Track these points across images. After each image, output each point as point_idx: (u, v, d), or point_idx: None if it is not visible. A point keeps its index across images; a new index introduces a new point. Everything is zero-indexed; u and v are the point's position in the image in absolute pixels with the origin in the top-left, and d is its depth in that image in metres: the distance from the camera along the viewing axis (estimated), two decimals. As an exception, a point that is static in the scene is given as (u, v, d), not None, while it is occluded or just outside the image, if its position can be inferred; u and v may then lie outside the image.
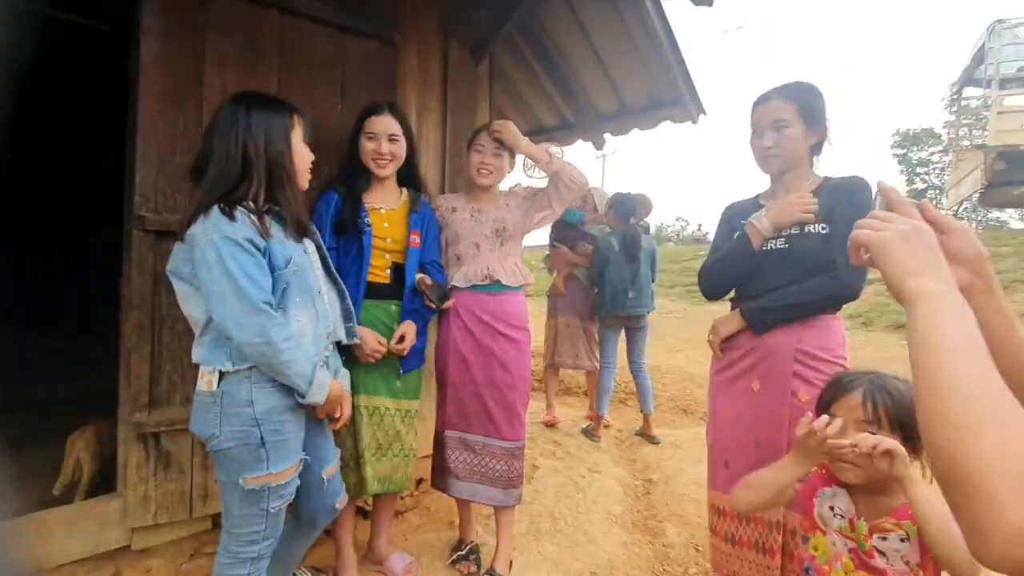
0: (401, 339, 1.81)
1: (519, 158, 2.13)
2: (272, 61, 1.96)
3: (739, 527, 1.61)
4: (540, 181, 2.15)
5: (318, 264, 1.53)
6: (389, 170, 1.85)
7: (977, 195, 8.81)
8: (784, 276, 1.53)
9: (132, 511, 1.75)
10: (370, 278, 1.83)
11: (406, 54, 2.48)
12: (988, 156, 7.97)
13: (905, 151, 30.42)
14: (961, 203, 10.09)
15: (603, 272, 3.51)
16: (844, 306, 1.62)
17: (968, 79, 9.36)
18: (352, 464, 1.83)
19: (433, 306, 1.88)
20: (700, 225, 23.58)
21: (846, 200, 1.48)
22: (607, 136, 4.19)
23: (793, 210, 1.50)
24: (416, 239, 1.90)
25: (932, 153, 29.74)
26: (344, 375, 1.57)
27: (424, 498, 2.53)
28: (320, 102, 2.11)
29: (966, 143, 10.03)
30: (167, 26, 1.71)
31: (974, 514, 0.42)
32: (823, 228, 1.49)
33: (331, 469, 1.56)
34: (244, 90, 1.43)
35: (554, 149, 2.04)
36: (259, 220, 1.30)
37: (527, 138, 2.03)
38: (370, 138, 1.81)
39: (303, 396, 1.32)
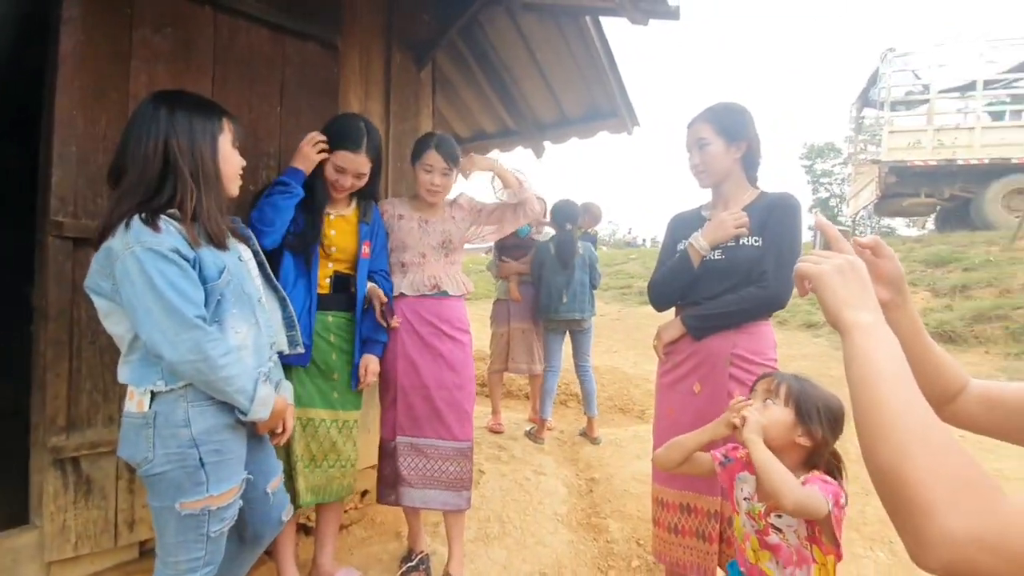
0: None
1: (486, 176, 2.16)
2: (206, 60, 1.86)
3: (681, 517, 1.72)
4: (488, 191, 2.18)
5: (256, 271, 1.47)
6: (342, 195, 1.89)
7: (872, 205, 9.77)
8: (721, 286, 1.66)
9: (50, 543, 1.59)
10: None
11: (348, 58, 2.43)
12: (882, 170, 8.87)
13: (811, 163, 33.07)
14: (859, 212, 11.13)
15: (540, 276, 3.59)
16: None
17: (865, 100, 10.36)
18: (284, 477, 1.77)
19: (383, 323, 1.89)
20: (630, 229, 24.45)
21: (777, 217, 1.63)
22: (547, 144, 4.31)
23: (727, 228, 1.64)
24: (367, 249, 1.89)
25: (834, 165, 32.52)
26: (286, 387, 1.52)
27: (369, 510, 2.48)
28: (259, 104, 2.02)
29: (863, 157, 11.10)
30: (90, 17, 1.59)
31: (915, 525, 0.47)
32: (756, 241, 1.63)
33: (275, 482, 1.51)
34: (166, 89, 1.35)
35: (522, 176, 2.07)
36: (187, 229, 1.22)
37: (496, 161, 2.10)
38: (339, 171, 1.82)
39: (245, 413, 1.26)
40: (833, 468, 1.27)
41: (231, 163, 1.37)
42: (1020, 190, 8.10)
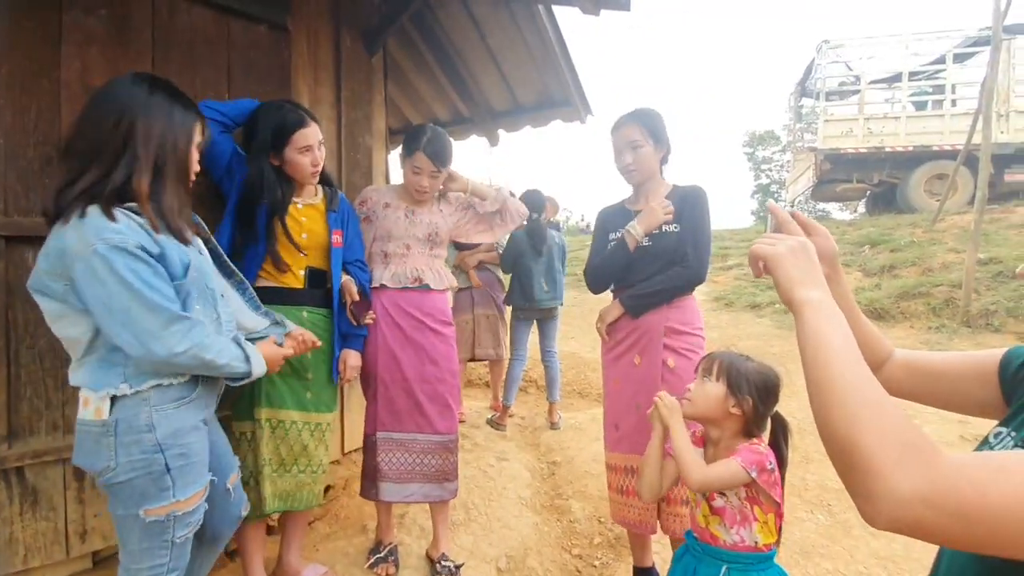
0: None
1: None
2: (144, 42, 1.75)
3: (626, 479, 1.92)
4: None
5: (211, 262, 1.41)
6: (318, 177, 1.82)
7: (810, 190, 10.30)
8: (650, 268, 1.88)
9: (-8, 559, 1.51)
10: (284, 281, 1.75)
11: (297, 42, 2.35)
12: (818, 158, 9.35)
13: (753, 150, 34.36)
14: (797, 197, 11.71)
15: (516, 265, 3.62)
16: (707, 289, 2.04)
17: (802, 90, 10.85)
18: (251, 482, 1.72)
19: (354, 322, 1.85)
20: (583, 216, 24.74)
21: (690, 206, 1.87)
22: (501, 132, 4.31)
23: (658, 216, 1.85)
24: (338, 238, 1.82)
25: (774, 152, 33.90)
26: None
27: (333, 505, 2.46)
28: (203, 91, 1.92)
29: (800, 145, 11.65)
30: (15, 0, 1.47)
31: (866, 485, 0.52)
32: (675, 228, 1.87)
33: (234, 477, 1.48)
34: (149, 72, 1.28)
35: (499, 184, 2.12)
36: (149, 220, 1.16)
37: (468, 179, 2.10)
38: (305, 151, 1.72)
39: (249, 374, 1.27)
40: (779, 433, 1.38)
41: (195, 165, 1.32)
42: (940, 176, 8.70)
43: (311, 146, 1.72)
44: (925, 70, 9.43)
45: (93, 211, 1.10)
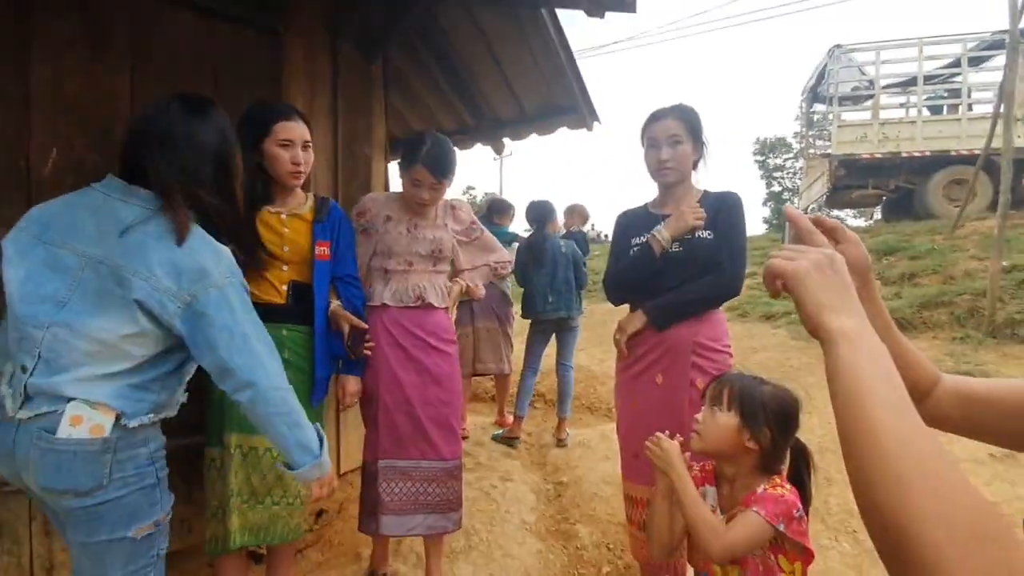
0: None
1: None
2: (121, 48, 1.68)
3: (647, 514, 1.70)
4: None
5: None
6: (301, 180, 1.69)
7: (824, 197, 10.09)
8: (680, 277, 1.71)
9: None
10: (263, 296, 1.63)
11: (291, 49, 2.27)
12: (832, 164, 9.15)
13: (764, 158, 34.12)
14: (811, 205, 11.49)
15: (524, 276, 3.54)
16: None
17: (814, 95, 10.67)
18: (219, 513, 1.60)
19: (351, 356, 1.72)
20: (593, 225, 24.62)
21: (726, 211, 1.72)
22: (506, 140, 4.22)
23: (688, 220, 1.67)
24: (324, 251, 1.70)
25: (785, 159, 33.64)
26: None
27: (326, 531, 2.34)
28: (187, 98, 1.84)
29: (812, 151, 11.46)
30: (-23, 1, 1.40)
31: None
32: (709, 235, 1.70)
33: None
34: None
35: (462, 283, 2.09)
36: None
37: (460, 285, 2.06)
38: (284, 145, 1.61)
39: (314, 457, 1.22)
40: (800, 465, 1.24)
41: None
42: (958, 181, 8.47)
43: (292, 140, 1.62)
44: (940, 74, 9.23)
45: (222, 245, 1.16)
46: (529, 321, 3.68)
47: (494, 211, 3.96)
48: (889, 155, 8.89)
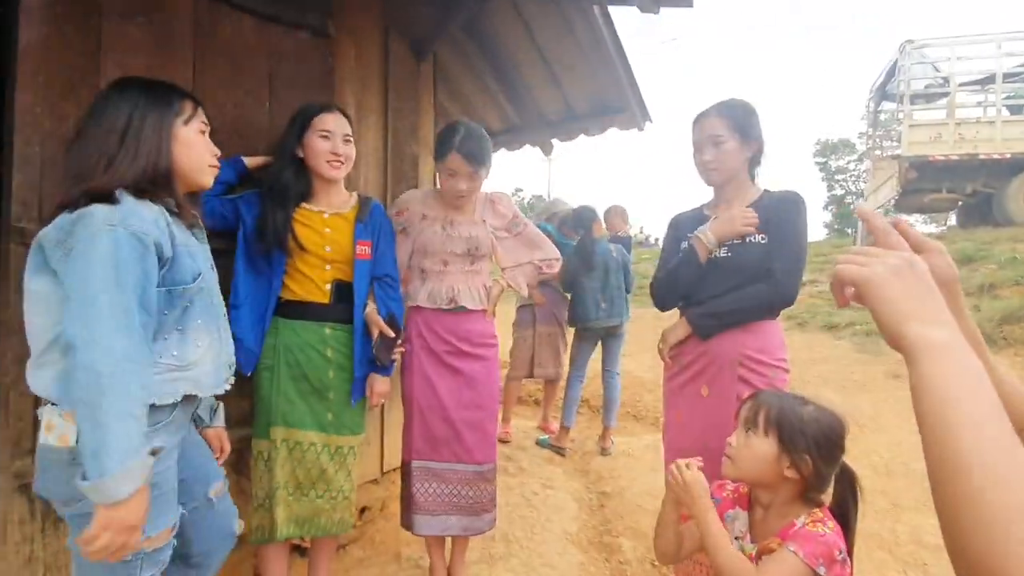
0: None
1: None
2: (185, 50, 1.73)
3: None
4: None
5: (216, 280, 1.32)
6: (341, 173, 1.69)
7: (893, 201, 9.50)
8: (727, 284, 1.60)
9: (15, 575, 1.48)
10: (306, 296, 1.66)
11: (343, 50, 2.29)
12: (902, 166, 8.60)
13: (825, 160, 32.58)
14: (878, 209, 10.84)
15: (573, 283, 3.45)
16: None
17: (882, 94, 10.08)
18: (266, 503, 1.63)
19: (378, 362, 1.70)
20: (642, 228, 24.17)
21: (783, 214, 1.59)
22: (555, 141, 4.16)
23: (735, 225, 1.58)
24: (365, 250, 1.70)
25: (848, 161, 32.01)
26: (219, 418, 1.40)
27: (368, 528, 2.35)
28: (244, 100, 1.89)
29: (877, 152, 10.81)
30: (54, 5, 1.46)
31: None
32: (763, 239, 1.59)
33: (219, 487, 1.33)
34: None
35: (503, 283, 2.03)
36: (182, 214, 1.12)
37: (501, 285, 2.01)
38: (324, 137, 1.63)
39: (101, 473, 0.91)
40: (846, 493, 1.12)
41: (196, 150, 1.21)
42: (1043, 185, 7.80)
43: (331, 131, 1.64)
44: (1021, 71, 8.53)
45: (128, 196, 1.03)
46: (575, 328, 3.59)
47: (565, 224, 3.76)
48: (966, 157, 8.29)
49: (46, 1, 1.45)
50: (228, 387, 1.27)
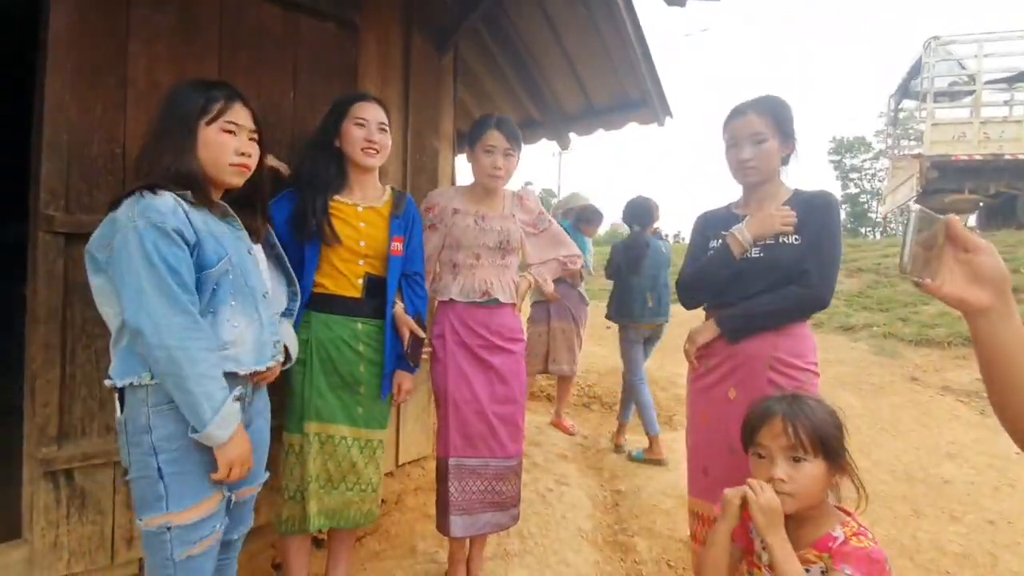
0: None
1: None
2: (211, 39, 1.72)
3: None
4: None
5: (263, 265, 1.37)
6: (376, 161, 1.69)
7: (912, 201, 9.34)
8: (759, 284, 1.56)
9: (40, 560, 1.49)
10: (338, 290, 1.65)
11: (365, 41, 2.28)
12: (923, 165, 8.45)
13: (840, 158, 32.14)
14: (895, 208, 10.67)
15: (615, 279, 3.39)
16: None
17: (905, 92, 9.89)
18: (297, 496, 1.65)
19: (411, 363, 1.72)
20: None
21: (817, 215, 1.55)
22: (572, 135, 4.11)
23: (774, 223, 1.53)
24: (399, 246, 1.70)
25: (864, 160, 31.56)
26: (263, 408, 1.38)
27: (384, 521, 2.35)
28: (269, 88, 1.88)
29: (898, 152, 10.63)
30: (83, -7, 1.46)
31: None
32: (796, 239, 1.54)
33: (246, 491, 1.33)
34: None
35: (530, 278, 2.04)
36: (205, 203, 1.19)
37: (528, 280, 2.02)
38: (360, 124, 1.64)
39: (202, 426, 1.09)
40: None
41: (221, 147, 1.23)
42: (1072, 186, 7.63)
43: (367, 119, 1.65)
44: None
45: (147, 193, 1.12)
46: (619, 326, 3.49)
47: (582, 220, 3.77)
48: (990, 157, 8.13)
49: (76, -12, 1.45)
50: (273, 363, 1.31)
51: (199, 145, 1.19)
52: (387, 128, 1.70)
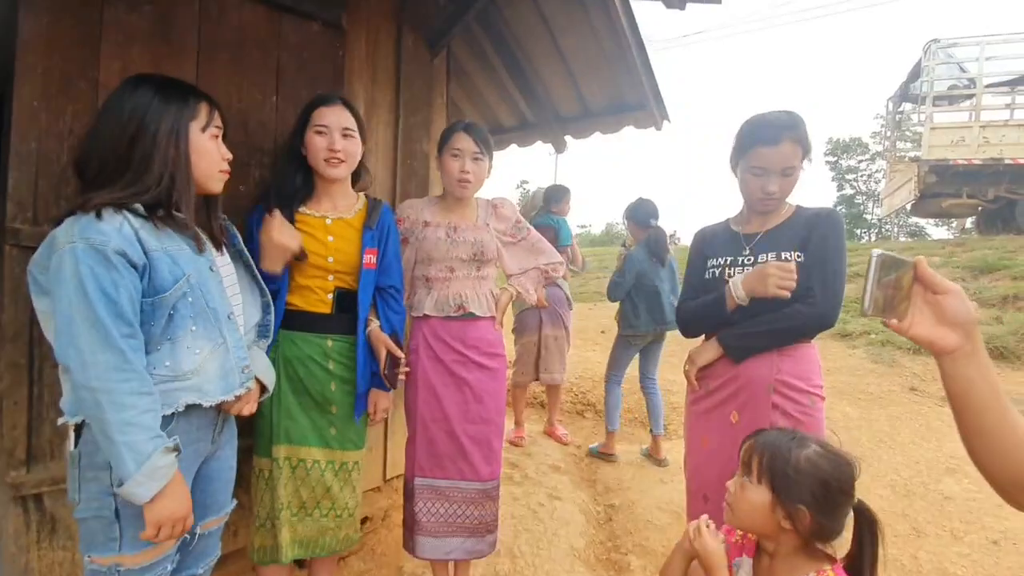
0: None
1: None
2: (189, 41, 1.64)
3: None
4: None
5: (231, 280, 1.28)
6: (341, 171, 1.57)
7: (910, 205, 9.31)
8: (761, 305, 1.49)
9: (7, 587, 1.43)
10: (307, 306, 1.57)
11: (354, 42, 2.21)
12: (921, 169, 8.41)
13: (836, 159, 32.13)
14: (892, 212, 10.64)
15: (637, 286, 3.27)
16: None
17: (904, 94, 9.84)
18: (268, 525, 1.56)
19: (388, 384, 1.63)
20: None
21: (821, 232, 1.51)
22: (568, 138, 4.05)
23: (768, 285, 1.43)
24: (371, 259, 1.60)
25: (860, 161, 31.57)
26: (231, 436, 1.31)
27: (370, 539, 2.29)
28: (250, 92, 1.80)
29: (897, 154, 10.59)
30: (53, -6, 1.38)
31: None
32: (799, 257, 1.50)
33: (213, 522, 1.27)
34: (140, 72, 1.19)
35: (512, 290, 1.98)
36: (155, 226, 1.08)
37: (510, 293, 1.95)
38: (320, 132, 1.53)
39: (120, 481, 0.99)
40: (864, 536, 1.02)
41: (207, 155, 1.18)
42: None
43: (327, 126, 1.52)
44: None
45: (90, 212, 1.03)
46: (618, 329, 3.44)
47: (551, 200, 3.76)
48: (990, 161, 8.09)
49: (45, -11, 1.37)
50: (243, 391, 1.22)
51: (192, 153, 1.13)
52: (354, 132, 1.57)
